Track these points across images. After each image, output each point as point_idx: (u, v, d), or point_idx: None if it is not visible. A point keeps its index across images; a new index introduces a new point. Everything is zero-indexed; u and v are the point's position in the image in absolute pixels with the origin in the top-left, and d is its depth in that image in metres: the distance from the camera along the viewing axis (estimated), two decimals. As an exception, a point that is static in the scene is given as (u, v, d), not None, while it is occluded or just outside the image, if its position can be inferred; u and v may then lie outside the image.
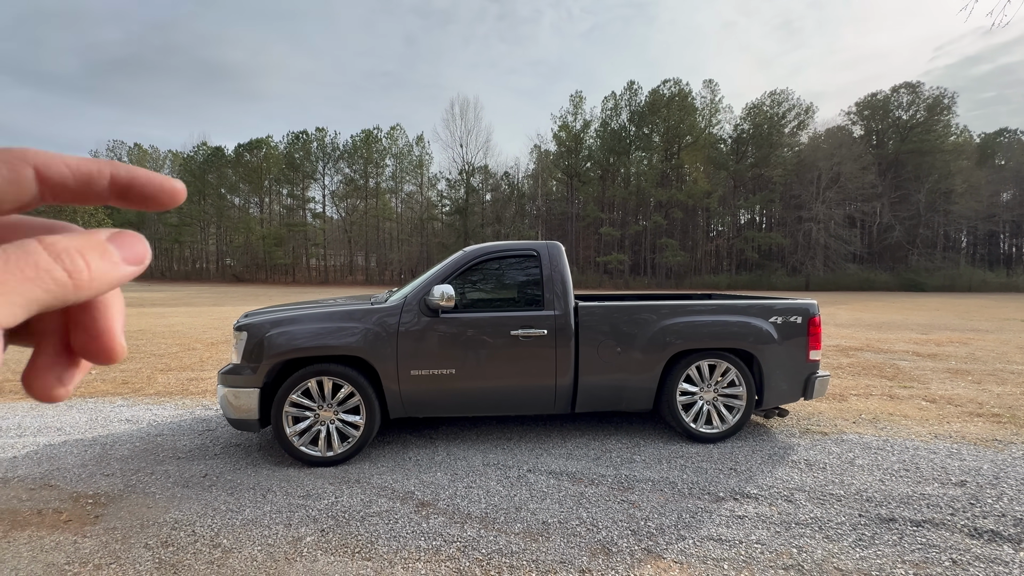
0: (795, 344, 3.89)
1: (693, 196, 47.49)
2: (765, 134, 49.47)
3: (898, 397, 5.44)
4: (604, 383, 3.75)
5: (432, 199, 62.40)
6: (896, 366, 7.37)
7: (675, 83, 50.96)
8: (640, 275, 53.27)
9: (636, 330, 3.75)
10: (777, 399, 3.93)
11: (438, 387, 3.59)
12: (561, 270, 3.83)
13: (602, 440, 3.95)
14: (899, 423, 4.37)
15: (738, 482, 3.16)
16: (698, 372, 3.85)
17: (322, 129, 61.00)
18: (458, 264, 3.81)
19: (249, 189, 63.53)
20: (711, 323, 3.81)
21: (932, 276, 41.75)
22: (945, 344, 9.62)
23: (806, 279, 44.71)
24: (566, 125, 54.82)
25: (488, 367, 3.63)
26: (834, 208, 45.34)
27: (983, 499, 2.89)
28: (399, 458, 3.61)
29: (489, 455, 3.65)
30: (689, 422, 3.83)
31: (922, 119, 47.51)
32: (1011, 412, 4.79)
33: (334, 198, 63.10)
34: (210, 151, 62.49)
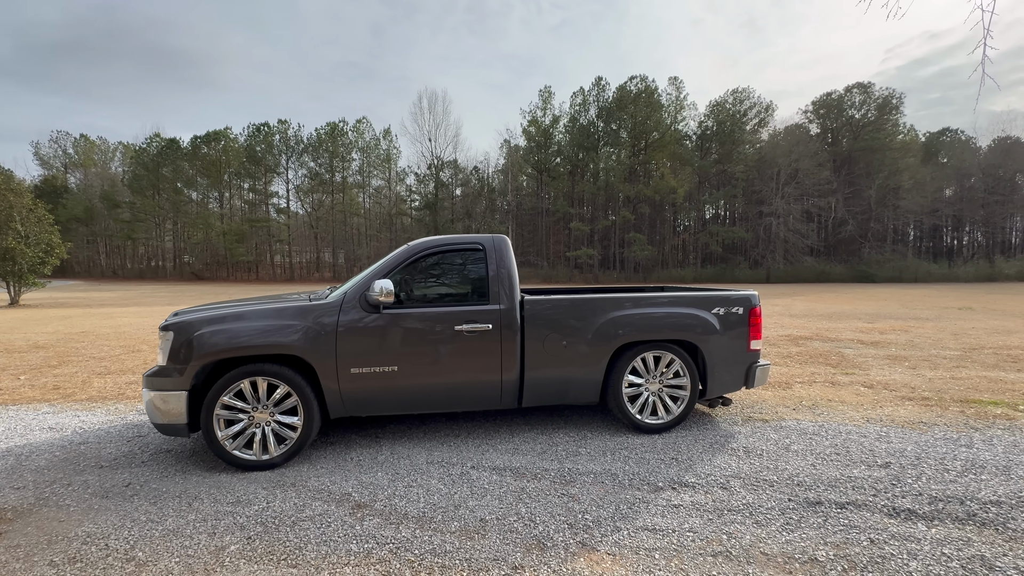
0: (737, 335, 3.98)
1: (660, 192, 48.41)
2: (728, 131, 50.89)
3: (839, 383, 5.67)
4: (550, 377, 3.74)
5: (401, 194, 61.47)
6: (841, 354, 7.70)
7: (641, 80, 51.68)
8: (609, 269, 54.02)
9: (582, 323, 3.75)
10: (720, 389, 4.02)
11: (380, 385, 3.50)
12: (507, 263, 3.79)
13: (550, 434, 3.95)
14: (836, 408, 4.55)
15: (678, 471, 3.20)
16: (643, 364, 3.88)
17: (284, 121, 59.03)
18: (401, 258, 3.71)
19: (208, 183, 60.95)
20: (656, 315, 3.85)
21: (882, 268, 43.96)
22: (888, 332, 10.11)
23: (767, 272, 46.34)
24: (535, 120, 54.85)
25: (432, 363, 3.56)
26: (792, 203, 47.08)
27: (904, 479, 3.02)
28: (340, 459, 3.51)
29: (434, 453, 3.59)
30: (635, 413, 3.86)
31: (873, 118, 49.84)
32: (939, 395, 5.06)
33: (299, 193, 61.29)
34: (164, 143, 59.45)
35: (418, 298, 3.75)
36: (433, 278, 3.84)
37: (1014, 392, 5.16)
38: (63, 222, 56.31)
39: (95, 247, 65.43)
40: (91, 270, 63.57)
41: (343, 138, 58.75)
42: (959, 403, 4.72)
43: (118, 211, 59.52)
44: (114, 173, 66.72)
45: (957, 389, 5.32)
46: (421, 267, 3.79)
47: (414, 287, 3.77)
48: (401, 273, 3.71)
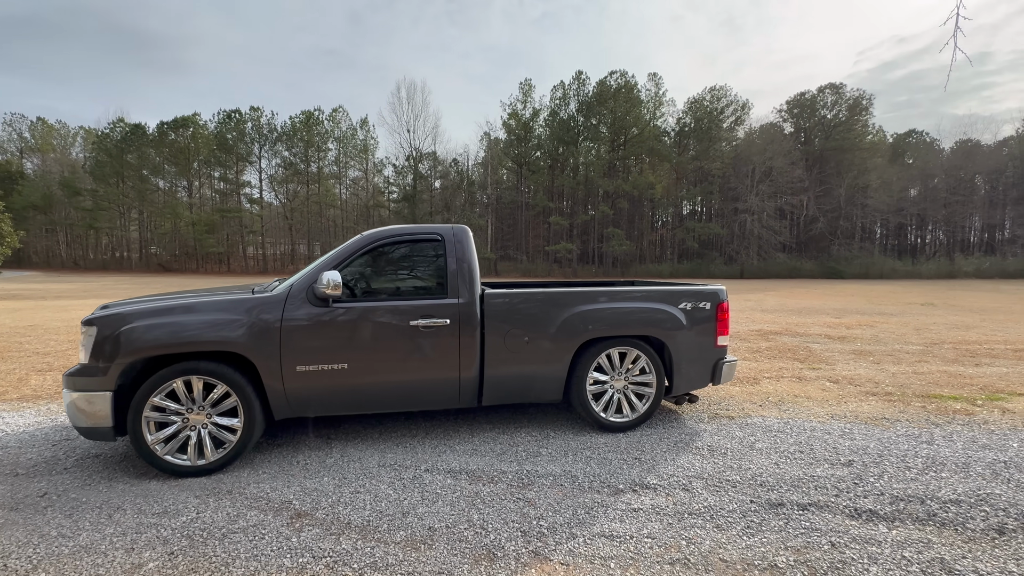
0: (704, 330, 3.89)
1: (638, 187, 48.76)
2: (705, 128, 51.50)
3: (806, 379, 5.68)
4: (512, 374, 3.58)
5: (379, 185, 60.39)
6: (809, 348, 7.77)
7: (621, 75, 51.80)
8: (588, 264, 54.28)
9: (545, 318, 3.60)
10: (687, 385, 3.93)
11: (328, 384, 3.28)
12: (467, 255, 3.60)
13: (511, 433, 3.80)
14: (802, 405, 4.52)
15: (640, 472, 3.09)
16: (608, 360, 3.76)
17: (257, 108, 57.17)
18: (354, 248, 3.48)
19: (176, 171, 58.71)
20: (621, 310, 3.72)
21: (850, 265, 45.28)
22: (854, 327, 10.31)
23: (741, 267, 47.24)
24: (516, 113, 54.49)
25: (385, 360, 3.36)
26: (766, 200, 48.01)
27: (866, 478, 2.97)
28: (286, 463, 3.28)
29: (388, 455, 3.40)
30: (599, 412, 3.74)
31: (844, 118, 51.12)
32: (902, 390, 5.10)
33: (273, 183, 59.58)
34: (128, 128, 56.93)
35: (371, 291, 3.53)
36: (388, 270, 3.63)
37: (972, 387, 5.24)
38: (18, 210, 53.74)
39: (54, 237, 62.50)
40: (50, 261, 60.70)
41: (318, 127, 57.28)
42: (921, 398, 4.76)
43: (79, 199, 56.87)
44: (75, 159, 63.74)
45: (919, 384, 5.38)
46: (375, 258, 3.57)
47: (367, 280, 3.55)
48: (353, 265, 3.48)
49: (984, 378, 5.68)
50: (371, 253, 3.53)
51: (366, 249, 3.50)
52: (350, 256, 3.45)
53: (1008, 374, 5.89)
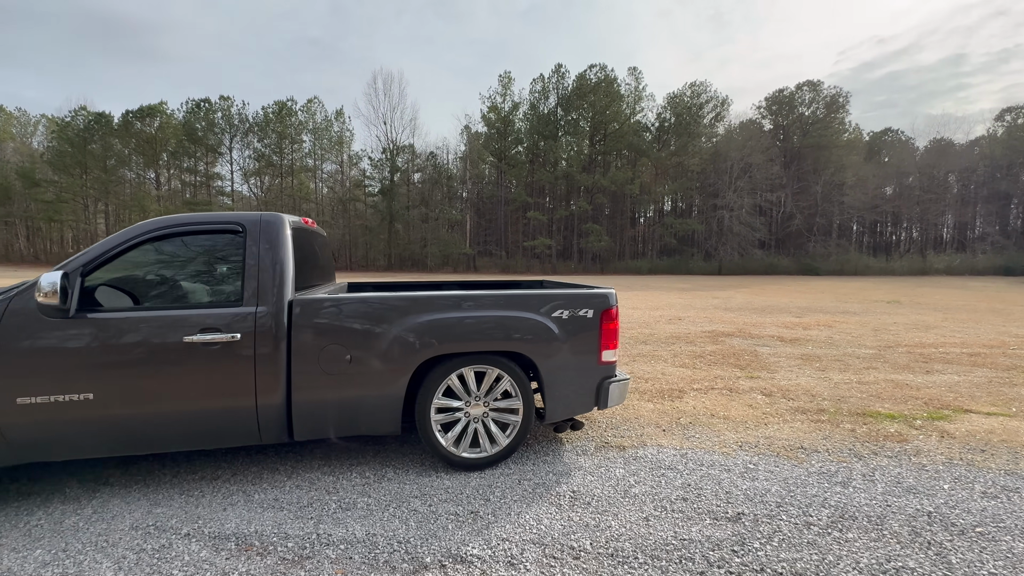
0: (584, 343, 3.17)
1: (617, 182, 48.29)
2: (685, 124, 51.12)
3: (738, 390, 5.03)
4: (329, 402, 2.83)
5: (355, 178, 58.89)
6: (755, 353, 7.17)
7: (601, 68, 51.13)
8: (568, 260, 53.74)
9: (372, 331, 2.85)
10: (564, 411, 3.22)
11: (68, 420, 2.49)
12: (276, 253, 2.83)
13: (340, 472, 3.05)
14: (715, 428, 3.85)
15: (466, 534, 2.37)
16: (461, 382, 3.03)
17: (227, 98, 55.27)
18: (119, 242, 2.68)
19: (143, 162, 56.52)
20: (475, 320, 2.99)
21: (826, 261, 45.46)
22: (812, 327, 9.78)
23: (719, 264, 47.11)
24: (495, 106, 53.54)
25: (148, 388, 2.58)
26: (744, 197, 47.90)
27: (750, 543, 2.29)
28: (14, 520, 2.48)
29: (157, 509, 2.62)
30: (447, 446, 3.01)
31: (821, 115, 51.22)
32: (837, 405, 4.48)
33: (245, 175, 57.76)
34: (91, 117, 54.54)
35: (144, 297, 2.74)
36: (166, 271, 2.83)
37: (916, 400, 4.65)
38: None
39: (13, 229, 59.74)
40: (9, 255, 58.02)
41: (292, 118, 55.60)
42: (854, 417, 4.13)
43: (38, 190, 54.34)
44: (35, 148, 60.98)
45: (859, 397, 4.77)
46: (149, 255, 2.77)
47: (137, 283, 2.76)
48: (117, 263, 2.69)
49: (932, 388, 5.10)
50: (143, 248, 2.74)
51: (135, 242, 2.70)
52: (112, 251, 2.65)
53: (958, 383, 5.33)
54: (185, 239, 2.83)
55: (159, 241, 2.76)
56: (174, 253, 2.83)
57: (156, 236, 2.74)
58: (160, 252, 2.80)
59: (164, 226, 2.77)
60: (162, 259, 2.82)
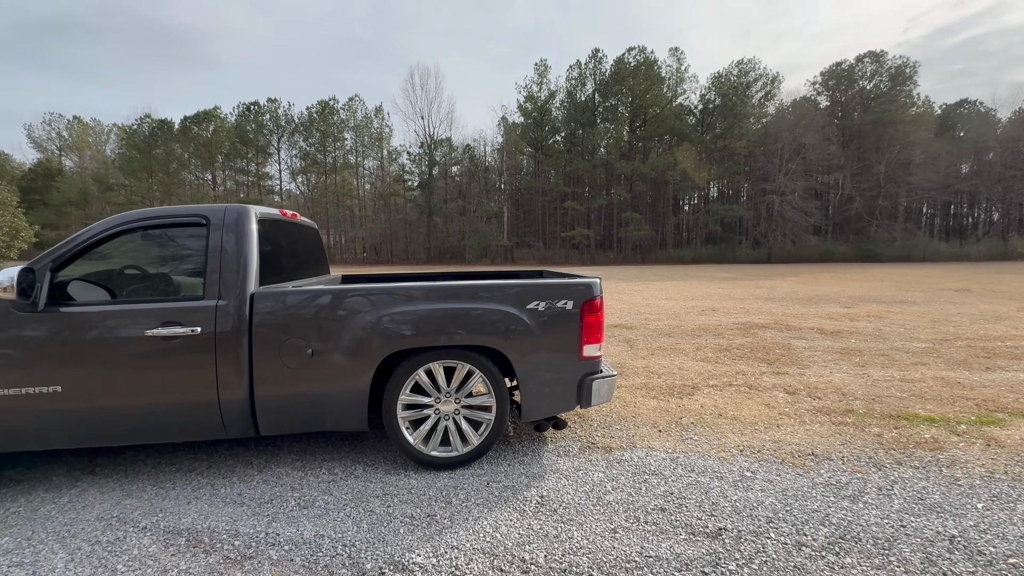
0: (563, 337, 2.95)
1: (657, 169, 46.63)
2: (731, 105, 48.49)
3: (757, 388, 4.63)
4: (292, 396, 2.76)
5: (394, 173, 60.10)
6: (788, 346, 6.63)
7: (640, 51, 49.34)
8: (607, 250, 52.66)
9: (335, 324, 2.75)
10: (543, 409, 3.01)
11: (38, 411, 2.55)
12: (240, 245, 2.78)
13: (309, 468, 2.99)
14: (718, 429, 3.52)
15: (415, 540, 2.23)
16: (430, 378, 2.88)
17: (274, 100, 57.73)
18: (86, 237, 2.72)
19: (200, 165, 60.16)
20: (442, 312, 2.83)
21: (889, 247, 42.04)
22: (860, 319, 8.98)
23: (768, 252, 44.68)
24: (531, 96, 52.89)
25: (113, 381, 2.60)
26: (797, 180, 45.02)
27: (725, 564, 2.02)
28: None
29: (126, 501, 2.65)
30: (415, 444, 2.88)
31: (885, 89, 47.17)
32: (869, 405, 4.01)
33: (292, 174, 60.33)
34: (155, 124, 58.53)
35: (116, 292, 2.77)
36: (132, 264, 2.85)
37: (965, 401, 4.09)
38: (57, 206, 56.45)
39: (91, 231, 65.24)
40: (88, 254, 63.50)
41: (334, 117, 57.32)
42: (885, 420, 3.67)
43: (112, 194, 59.03)
44: (108, 155, 66.17)
45: (897, 397, 4.26)
46: (116, 248, 2.79)
47: (108, 278, 2.79)
48: (86, 257, 2.72)
49: (988, 388, 4.49)
50: (111, 242, 2.76)
51: (102, 236, 2.73)
52: (79, 246, 2.69)
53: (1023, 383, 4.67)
54: (151, 232, 2.84)
55: (126, 235, 2.78)
56: (141, 247, 2.85)
57: (123, 230, 2.76)
58: (128, 246, 2.82)
59: (130, 220, 2.78)
60: (130, 253, 2.84)
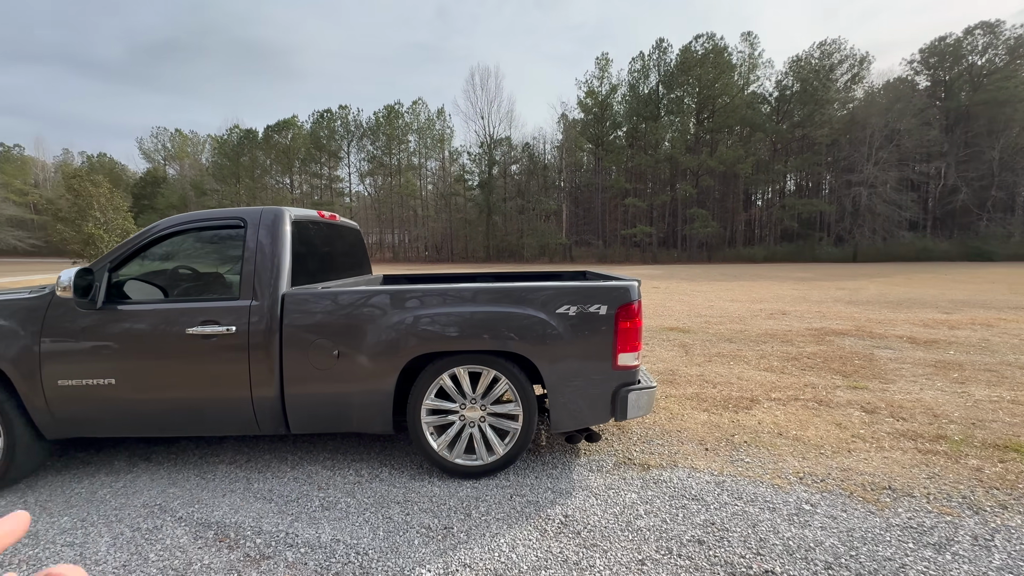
0: (595, 344, 2.74)
1: (726, 162, 43.99)
2: (812, 90, 44.63)
3: (828, 404, 4.13)
4: (320, 397, 2.78)
5: (455, 173, 61.44)
6: (871, 356, 5.91)
7: (709, 38, 46.79)
8: (671, 248, 50.59)
9: (360, 326, 2.73)
10: (573, 420, 2.82)
11: (96, 402, 2.75)
12: (273, 246, 2.84)
13: (337, 467, 3.01)
14: (778, 449, 3.14)
15: (427, 554, 2.14)
16: (455, 383, 2.79)
17: (345, 107, 60.97)
18: (138, 240, 2.89)
19: (280, 170, 64.94)
20: (466, 315, 2.72)
21: (1005, 244, 36.80)
22: (962, 327, 7.85)
23: (854, 249, 40.76)
24: (592, 90, 51.88)
25: (158, 376, 2.75)
26: (889, 170, 40.66)
27: (769, 615, 1.74)
28: (58, 491, 2.82)
29: (170, 490, 2.80)
30: (439, 450, 2.80)
31: (1000, 64, 41.29)
32: (967, 431, 3.42)
33: (361, 176, 63.53)
34: (242, 133, 63.99)
35: (168, 291, 2.94)
36: (175, 265, 3.00)
37: (1101, 434, 3.37)
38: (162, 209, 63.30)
39: (190, 232, 72.52)
40: (187, 253, 70.68)
41: (399, 120, 59.56)
42: (988, 450, 3.10)
43: (206, 198, 65.27)
44: (203, 164, 73.26)
45: (1006, 423, 3.61)
46: (164, 250, 2.95)
47: (159, 277, 2.96)
48: (137, 259, 2.90)
49: None
50: (159, 244, 2.92)
51: (151, 239, 2.89)
52: (132, 248, 2.87)
53: None
54: (195, 235, 2.97)
55: (173, 237, 2.93)
56: (186, 248, 3.00)
57: (169, 233, 2.91)
58: (175, 248, 2.98)
59: (176, 223, 2.93)
60: (177, 254, 2.99)
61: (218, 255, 3.03)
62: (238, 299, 2.77)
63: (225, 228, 2.93)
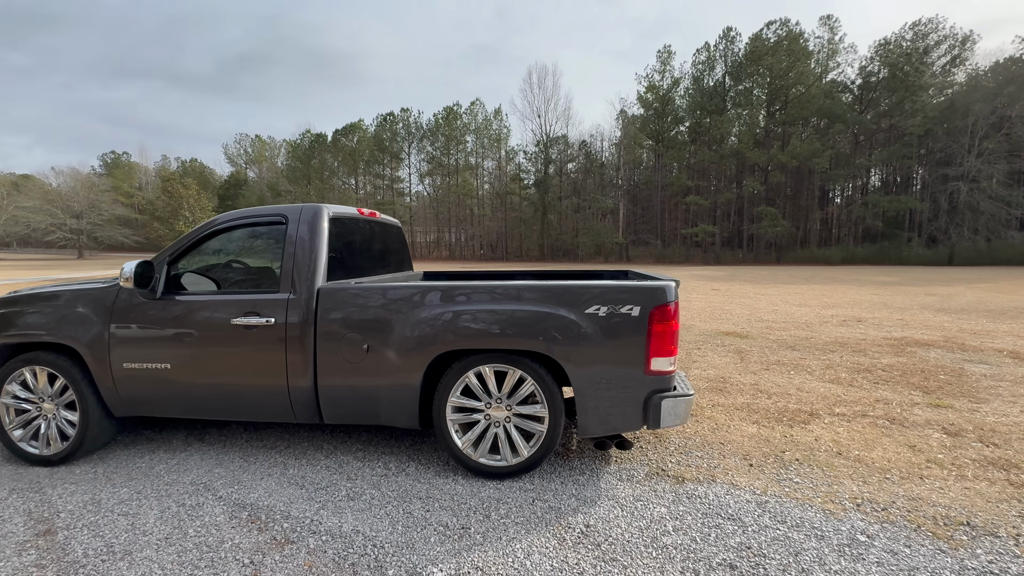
0: (626, 347, 2.60)
1: (798, 156, 40.94)
2: (902, 76, 40.48)
3: (902, 423, 3.69)
4: (350, 389, 2.85)
5: (511, 172, 61.82)
6: (960, 372, 5.24)
7: (782, 24, 43.76)
8: (735, 248, 47.98)
9: (388, 321, 2.77)
10: (602, 426, 2.69)
11: (154, 384, 2.99)
12: (311, 242, 2.95)
13: (374, 458, 3.07)
14: (835, 470, 2.83)
15: (441, 553, 2.12)
16: (480, 381, 2.76)
17: (407, 109, 63.14)
18: (196, 235, 3.11)
19: (346, 171, 68.47)
20: (490, 313, 2.67)
21: None
22: (1081, 342, 6.78)
23: (950, 251, 36.60)
24: (653, 85, 50.19)
25: (206, 362, 2.93)
26: (996, 162, 36.07)
27: (803, 657, 1.55)
28: (127, 461, 3.10)
29: (216, 470, 2.98)
30: (464, 448, 2.77)
31: None
32: (1077, 466, 2.91)
33: (420, 177, 65.58)
34: (313, 137, 68.11)
35: (214, 282, 3.14)
36: (227, 259, 3.19)
37: None
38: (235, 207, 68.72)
39: (266, 230, 78.28)
40: (264, 249, 76.33)
41: (457, 121, 60.81)
42: (1105, 489, 2.62)
43: (280, 199, 70.11)
44: (279, 166, 78.80)
45: None
46: (216, 245, 3.15)
47: (209, 270, 3.16)
48: (194, 252, 3.12)
49: None
50: (211, 240, 3.12)
51: (204, 235, 3.09)
52: (187, 243, 3.08)
53: None
54: (243, 231, 3.15)
55: (223, 234, 3.12)
56: (235, 244, 3.18)
57: (220, 229, 3.10)
58: (225, 243, 3.17)
59: (226, 220, 3.12)
60: (227, 249, 3.19)
61: (264, 250, 3.19)
62: (278, 292, 2.90)
63: (270, 224, 3.08)
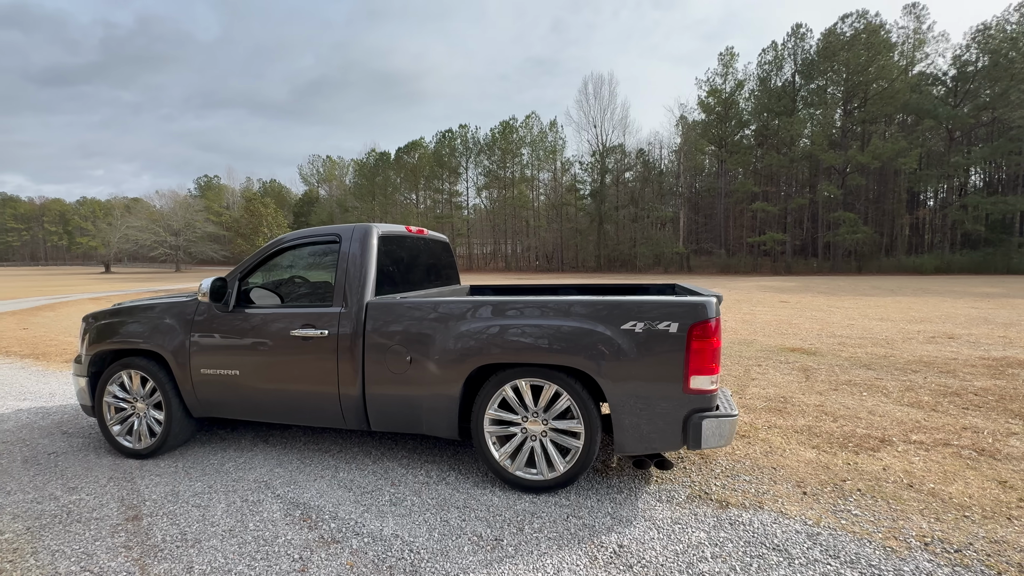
0: (663, 364, 2.54)
1: (880, 156, 37.68)
2: (1005, 64, 36.26)
3: (992, 455, 3.30)
4: (395, 398, 3.00)
5: (566, 183, 61.78)
6: (1073, 400, 4.58)
7: (860, 16, 40.74)
8: (809, 257, 44.83)
9: (429, 335, 2.89)
10: (639, 444, 2.64)
11: (225, 389, 3.31)
12: (361, 258, 3.16)
13: (418, 465, 3.20)
14: (901, 503, 2.58)
15: (473, 564, 2.18)
16: (517, 395, 2.80)
17: (464, 125, 65.21)
18: (263, 253, 3.43)
19: (407, 187, 71.60)
20: (525, 328, 2.72)
21: None
22: None
23: (1070, 259, 32.00)
24: (714, 89, 48.43)
25: (269, 370, 3.21)
26: None
27: None
28: (202, 459, 3.44)
29: (277, 469, 3.24)
30: (500, 460, 2.82)
31: None
32: None
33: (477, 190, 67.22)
34: (377, 155, 71.98)
35: (279, 297, 3.44)
36: (289, 275, 3.47)
37: None
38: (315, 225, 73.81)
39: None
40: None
41: (514, 135, 61.86)
42: None
43: (347, 215, 74.53)
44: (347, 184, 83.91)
45: None
46: (279, 263, 3.45)
47: (274, 285, 3.46)
48: (260, 270, 3.44)
49: None
50: (275, 258, 3.43)
51: (268, 254, 3.41)
52: (255, 261, 3.41)
53: None
54: (304, 249, 3.43)
55: (284, 252, 3.42)
56: (295, 261, 3.47)
57: (282, 248, 3.40)
58: (286, 261, 3.47)
59: (287, 240, 3.42)
60: (288, 266, 3.48)
61: (321, 267, 3.46)
62: (331, 306, 3.12)
63: (326, 243, 3.34)
